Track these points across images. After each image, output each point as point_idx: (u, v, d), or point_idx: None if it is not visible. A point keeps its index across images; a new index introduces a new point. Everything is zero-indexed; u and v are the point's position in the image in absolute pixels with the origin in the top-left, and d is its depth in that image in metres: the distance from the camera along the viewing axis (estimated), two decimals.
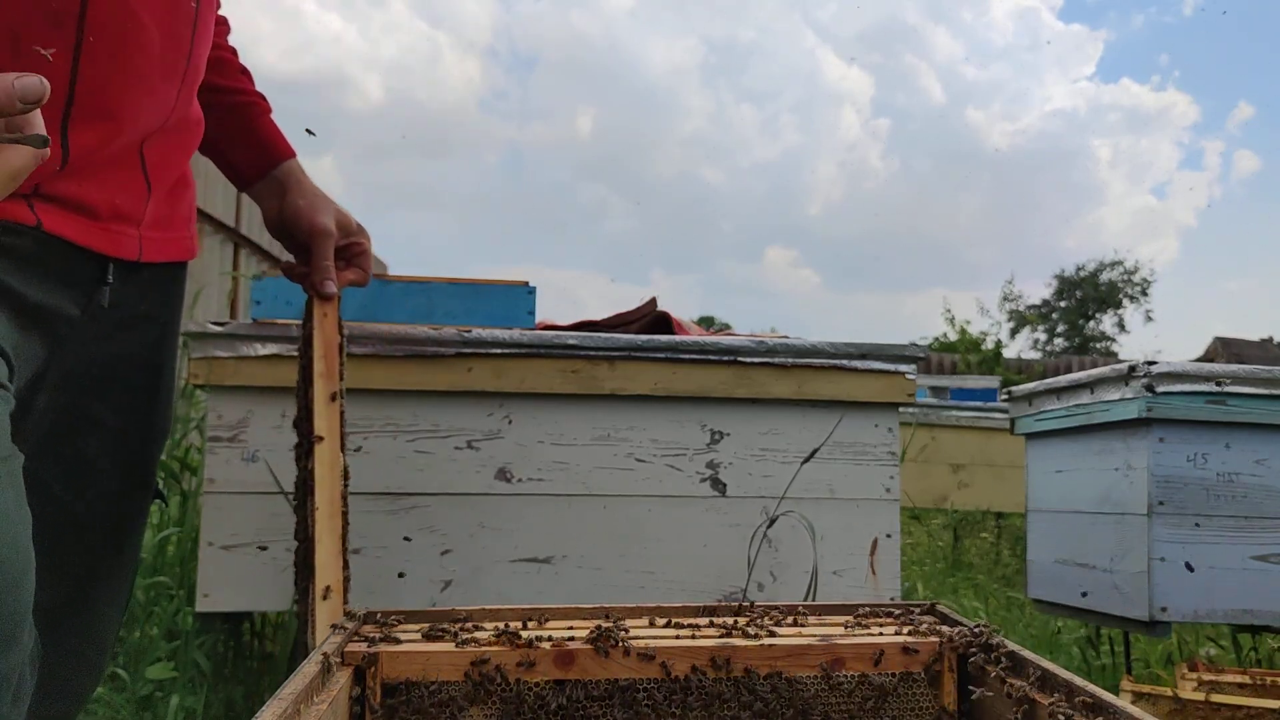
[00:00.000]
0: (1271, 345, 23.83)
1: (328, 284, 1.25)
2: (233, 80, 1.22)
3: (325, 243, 1.25)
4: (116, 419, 1.05)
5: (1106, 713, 0.80)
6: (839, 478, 1.82)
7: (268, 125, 1.25)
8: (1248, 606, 2.05)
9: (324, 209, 1.26)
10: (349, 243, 1.30)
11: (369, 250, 1.33)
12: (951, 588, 4.24)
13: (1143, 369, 2.06)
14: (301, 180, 1.26)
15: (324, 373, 1.23)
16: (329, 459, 1.19)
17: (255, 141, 1.24)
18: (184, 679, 2.03)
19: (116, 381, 1.05)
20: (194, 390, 2.64)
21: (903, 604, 1.15)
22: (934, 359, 16.45)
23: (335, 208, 1.28)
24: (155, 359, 1.10)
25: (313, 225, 1.24)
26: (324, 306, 1.26)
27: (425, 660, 0.92)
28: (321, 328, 1.25)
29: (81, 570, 1.04)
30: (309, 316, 1.26)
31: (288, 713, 0.72)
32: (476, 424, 1.75)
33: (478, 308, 1.91)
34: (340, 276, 1.28)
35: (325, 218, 1.25)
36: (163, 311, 1.11)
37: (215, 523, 1.68)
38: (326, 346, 1.25)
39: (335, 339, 1.26)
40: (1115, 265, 31.35)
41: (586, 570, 1.75)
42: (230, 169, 1.26)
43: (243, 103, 1.23)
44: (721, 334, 2.16)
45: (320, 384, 1.22)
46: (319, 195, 1.27)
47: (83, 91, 0.87)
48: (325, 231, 1.24)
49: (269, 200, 1.26)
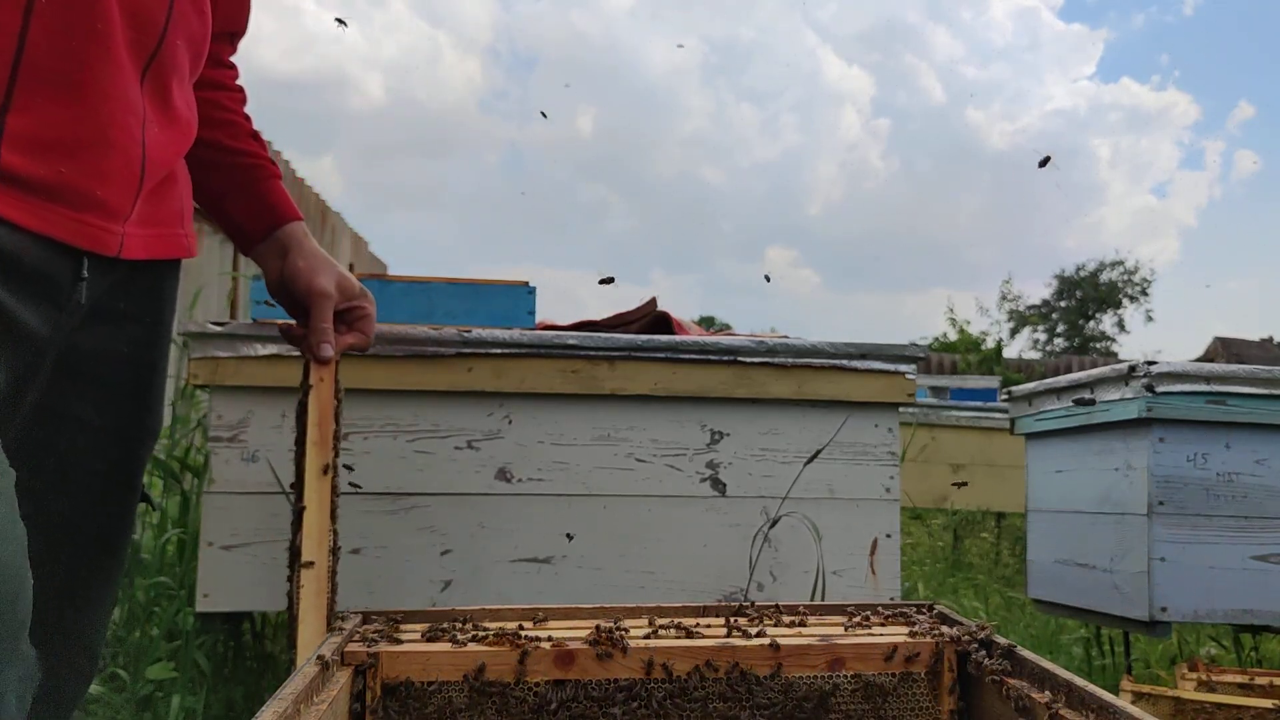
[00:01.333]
0: (1271, 345, 23.82)
1: (324, 347, 1.22)
2: (242, 143, 1.23)
3: (324, 305, 1.22)
4: (99, 418, 1.04)
5: (1106, 713, 0.80)
6: (839, 478, 1.82)
7: (275, 189, 1.24)
8: (1248, 606, 2.05)
9: (325, 271, 1.24)
10: (350, 306, 1.28)
11: (371, 315, 1.30)
12: (951, 588, 4.23)
13: (1142, 369, 2.06)
14: (304, 242, 1.24)
15: (317, 441, 1.19)
16: (316, 533, 1.16)
17: (260, 202, 1.23)
18: (184, 679, 2.03)
19: (98, 380, 1.03)
20: (194, 390, 2.64)
21: (902, 604, 1.15)
22: (934, 359, 16.45)
23: (338, 271, 1.26)
24: (142, 358, 1.08)
25: (311, 287, 1.22)
26: (320, 370, 1.23)
27: (425, 660, 0.92)
28: (317, 392, 1.22)
29: (68, 574, 1.03)
30: (305, 380, 1.23)
31: (288, 713, 0.72)
32: (476, 424, 1.75)
33: (478, 308, 1.91)
34: (339, 340, 1.25)
35: (325, 280, 1.23)
36: (150, 310, 1.09)
37: (215, 523, 1.68)
38: (322, 414, 1.21)
39: (331, 404, 1.23)
40: (1115, 265, 31.36)
41: (586, 570, 1.75)
42: (234, 228, 1.24)
43: (250, 164, 1.22)
44: (721, 334, 2.16)
45: (313, 453, 1.19)
46: (321, 257, 1.25)
47: (33, 57, 0.85)
48: (324, 293, 1.22)
49: (271, 261, 1.24)
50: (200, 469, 2.38)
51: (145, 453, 1.11)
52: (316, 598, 1.13)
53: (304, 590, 1.13)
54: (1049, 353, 28.82)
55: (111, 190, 0.94)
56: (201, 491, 1.75)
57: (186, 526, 2.35)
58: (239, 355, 1.67)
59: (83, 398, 1.02)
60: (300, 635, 1.11)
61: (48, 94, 0.86)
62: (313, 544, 1.15)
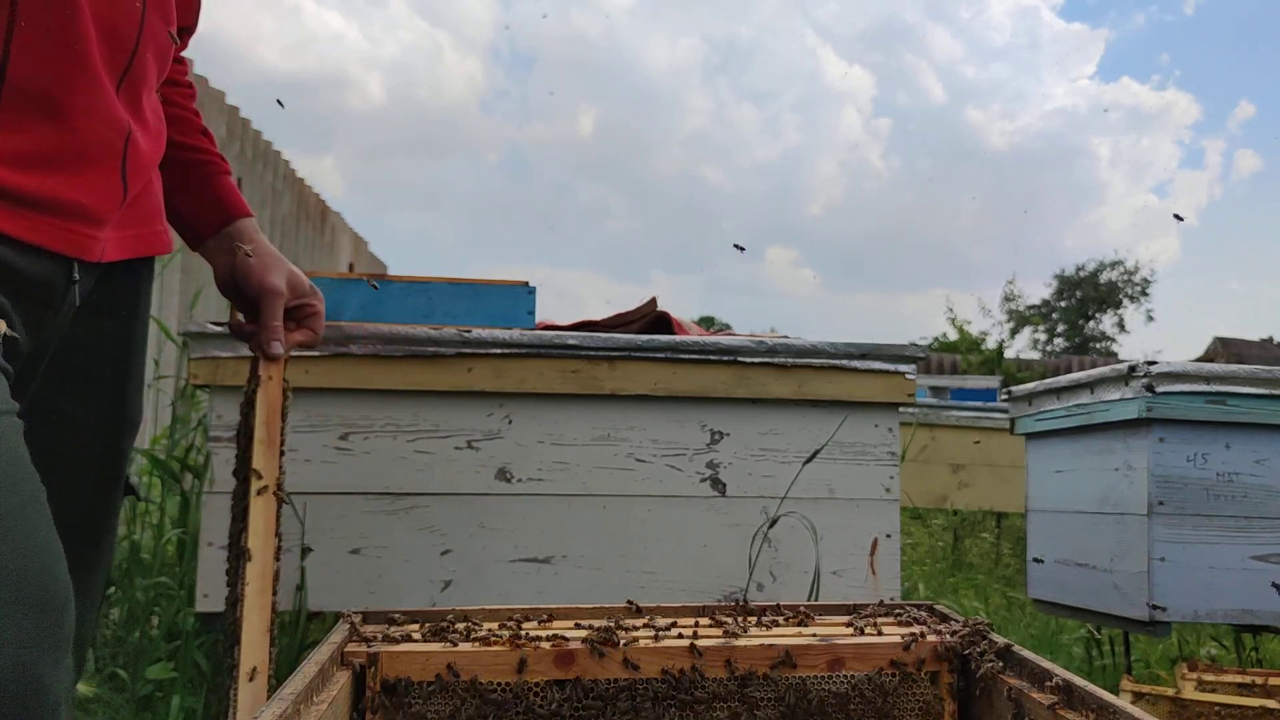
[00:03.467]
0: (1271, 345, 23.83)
1: (274, 344, 1.21)
2: (192, 138, 1.22)
3: (274, 301, 1.22)
4: (81, 412, 1.05)
5: (1106, 713, 0.80)
6: (839, 478, 1.82)
7: (224, 184, 1.24)
8: (1248, 606, 2.05)
9: (275, 268, 1.23)
10: (300, 303, 1.27)
11: (321, 312, 1.30)
12: (951, 588, 4.24)
13: (1143, 369, 2.06)
14: (254, 238, 1.24)
15: (264, 439, 1.19)
16: (262, 529, 1.16)
17: (209, 198, 1.22)
18: (184, 679, 2.03)
19: (77, 373, 1.04)
20: (194, 390, 2.64)
21: (902, 603, 1.15)
22: (934, 359, 16.46)
23: (288, 268, 1.26)
24: (120, 351, 1.09)
25: (262, 283, 1.22)
26: (269, 368, 1.22)
27: (425, 660, 0.92)
28: (265, 390, 1.21)
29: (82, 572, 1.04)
30: (253, 376, 1.23)
31: (288, 713, 0.72)
32: (476, 424, 1.75)
33: (478, 308, 1.91)
34: (289, 337, 1.25)
35: (276, 277, 1.23)
36: (127, 304, 1.10)
37: (215, 523, 1.68)
38: (269, 411, 1.21)
39: (279, 402, 1.22)
40: (1115, 265, 31.37)
41: (586, 570, 1.75)
42: (182, 224, 1.24)
43: (200, 160, 1.22)
44: (721, 334, 2.16)
45: (259, 451, 1.18)
46: (271, 254, 1.25)
47: (16, 77, 0.87)
48: (275, 290, 1.22)
49: (220, 257, 1.23)
50: (200, 469, 2.38)
51: (127, 444, 1.12)
52: (260, 595, 1.14)
53: (248, 588, 1.13)
54: (1049, 353, 28.82)
55: (96, 200, 0.96)
56: (201, 491, 1.75)
57: (186, 526, 2.35)
58: (239, 355, 1.68)
59: (65, 392, 1.03)
60: (244, 634, 1.11)
61: (32, 113, 0.89)
62: (258, 540, 1.15)
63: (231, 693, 1.12)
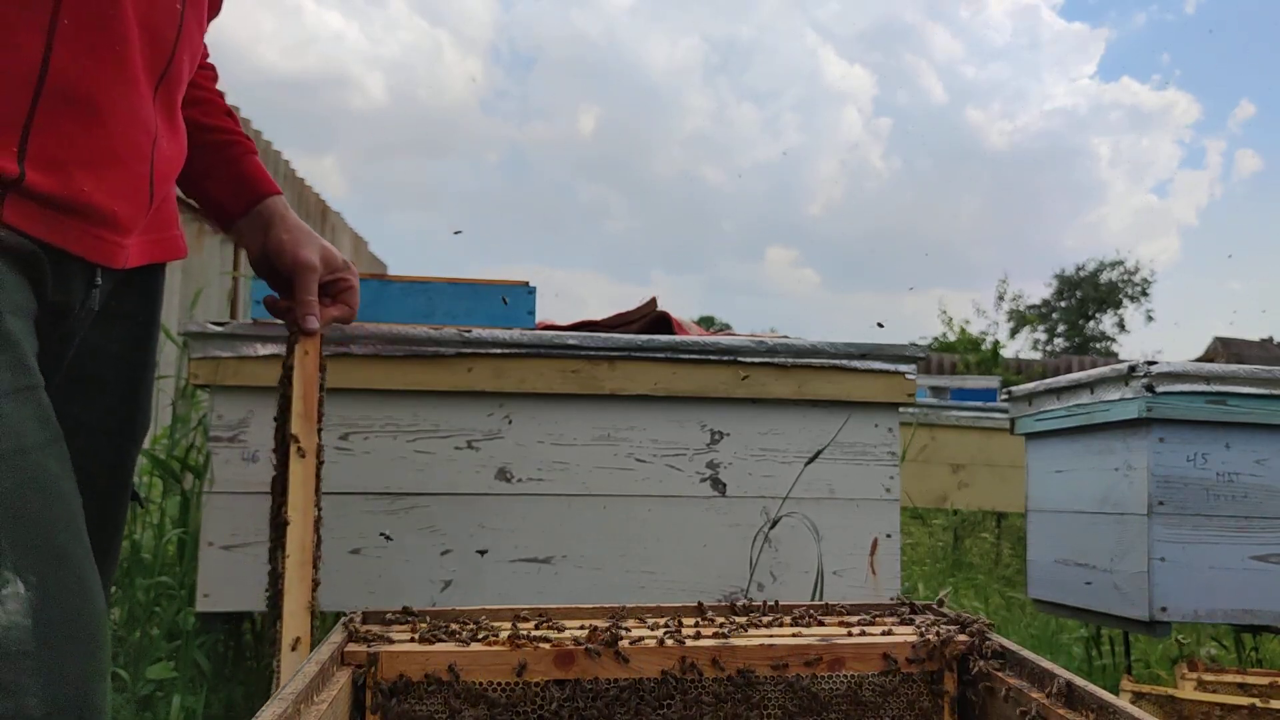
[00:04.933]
0: (1271, 345, 23.83)
1: (310, 319, 1.22)
2: (217, 119, 1.22)
3: (309, 277, 1.22)
4: (95, 419, 1.04)
5: (1106, 712, 0.80)
6: (839, 478, 1.82)
7: (252, 164, 1.24)
8: (1248, 606, 2.05)
9: (309, 243, 1.24)
10: (335, 278, 1.28)
11: (355, 287, 1.30)
12: (952, 588, 4.24)
13: (1143, 369, 2.06)
14: (285, 215, 1.24)
15: (302, 413, 1.20)
16: (301, 505, 1.16)
17: (238, 178, 1.22)
18: (184, 679, 2.03)
19: (93, 380, 1.04)
20: (194, 390, 2.64)
21: (902, 603, 1.16)
22: (934, 359, 16.46)
23: (321, 243, 1.26)
24: (134, 357, 1.09)
25: (296, 259, 1.22)
26: (306, 343, 1.23)
27: (425, 660, 0.92)
28: (302, 365, 1.22)
29: None
30: (290, 352, 1.23)
31: (288, 713, 0.72)
32: (476, 424, 1.75)
33: (478, 308, 1.91)
34: (324, 312, 1.25)
35: (309, 252, 1.23)
36: (143, 309, 1.10)
37: (215, 523, 1.68)
38: (306, 385, 1.21)
39: (315, 377, 1.22)
40: (1115, 265, 31.37)
41: (586, 570, 1.75)
42: (213, 205, 1.23)
43: (226, 141, 1.21)
44: (721, 334, 2.16)
45: (298, 424, 1.19)
46: (304, 230, 1.25)
47: (56, 78, 0.86)
48: (309, 265, 1.22)
49: (252, 236, 1.23)
50: (200, 469, 2.38)
51: (136, 451, 1.12)
52: (301, 567, 1.14)
53: (289, 559, 1.13)
54: (1049, 352, 28.82)
55: (124, 206, 0.95)
56: (201, 491, 1.75)
57: (186, 526, 2.35)
58: (239, 355, 1.68)
59: (80, 399, 1.03)
60: (286, 606, 1.12)
61: (69, 114, 0.88)
62: (297, 511, 1.15)
63: (275, 663, 1.13)
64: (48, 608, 0.79)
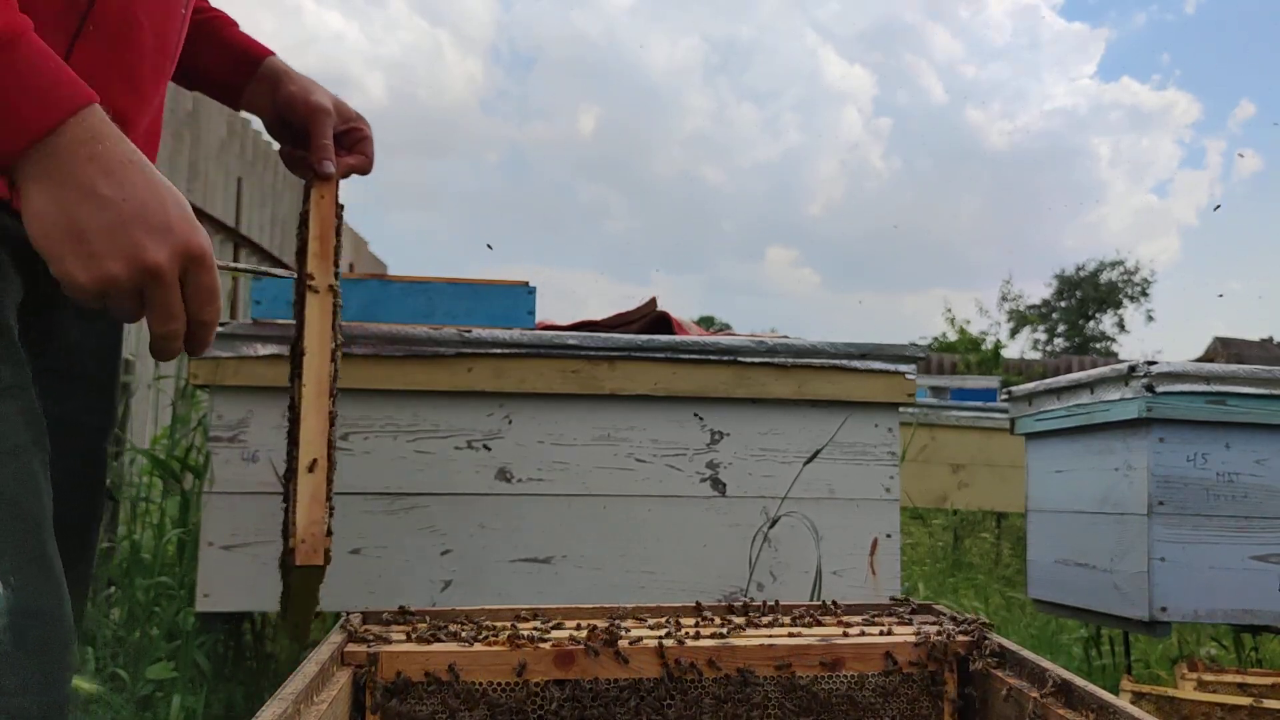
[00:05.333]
0: (1271, 345, 23.83)
1: (326, 163, 1.20)
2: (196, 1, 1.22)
3: (323, 120, 1.21)
4: (77, 416, 1.04)
5: (1106, 712, 0.80)
6: (839, 478, 1.82)
7: (239, 34, 1.24)
8: (1248, 606, 2.05)
9: (319, 90, 1.23)
10: (349, 128, 1.27)
11: (370, 137, 1.29)
12: (951, 588, 4.24)
13: (1143, 369, 2.06)
14: (289, 71, 1.23)
15: (318, 253, 1.19)
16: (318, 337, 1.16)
17: (230, 50, 1.21)
18: (184, 679, 2.03)
19: (74, 376, 1.03)
20: (194, 390, 2.64)
21: (902, 603, 1.16)
22: (934, 359, 16.45)
23: (332, 93, 1.25)
24: (110, 352, 1.09)
25: (308, 104, 1.21)
26: (322, 188, 1.22)
27: (425, 660, 0.92)
28: (319, 208, 1.21)
29: None
30: (306, 199, 1.23)
31: (288, 713, 0.72)
32: (476, 424, 1.75)
33: (478, 308, 1.91)
34: (341, 162, 1.24)
35: (321, 96, 1.22)
36: None
37: (215, 523, 1.68)
38: (323, 227, 1.21)
39: (332, 220, 1.22)
40: (1115, 265, 31.37)
41: (586, 570, 1.75)
42: (216, 84, 1.23)
43: (209, 18, 1.21)
44: (721, 334, 2.16)
45: (315, 265, 1.18)
46: (311, 80, 1.24)
47: None
48: (322, 109, 1.21)
49: (262, 99, 1.23)
50: (200, 469, 2.38)
51: (108, 443, 1.12)
52: (318, 398, 1.14)
53: (306, 389, 1.13)
54: (1049, 352, 28.81)
55: None
56: (201, 491, 1.75)
57: (186, 526, 2.35)
58: (239, 355, 1.68)
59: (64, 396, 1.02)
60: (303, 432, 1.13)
61: None
62: (314, 341, 1.15)
63: (291, 486, 1.13)
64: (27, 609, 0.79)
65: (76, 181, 0.74)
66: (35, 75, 0.73)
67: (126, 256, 0.76)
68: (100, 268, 0.75)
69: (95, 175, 0.75)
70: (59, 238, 0.75)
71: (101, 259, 0.75)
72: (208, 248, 0.81)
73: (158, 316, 0.80)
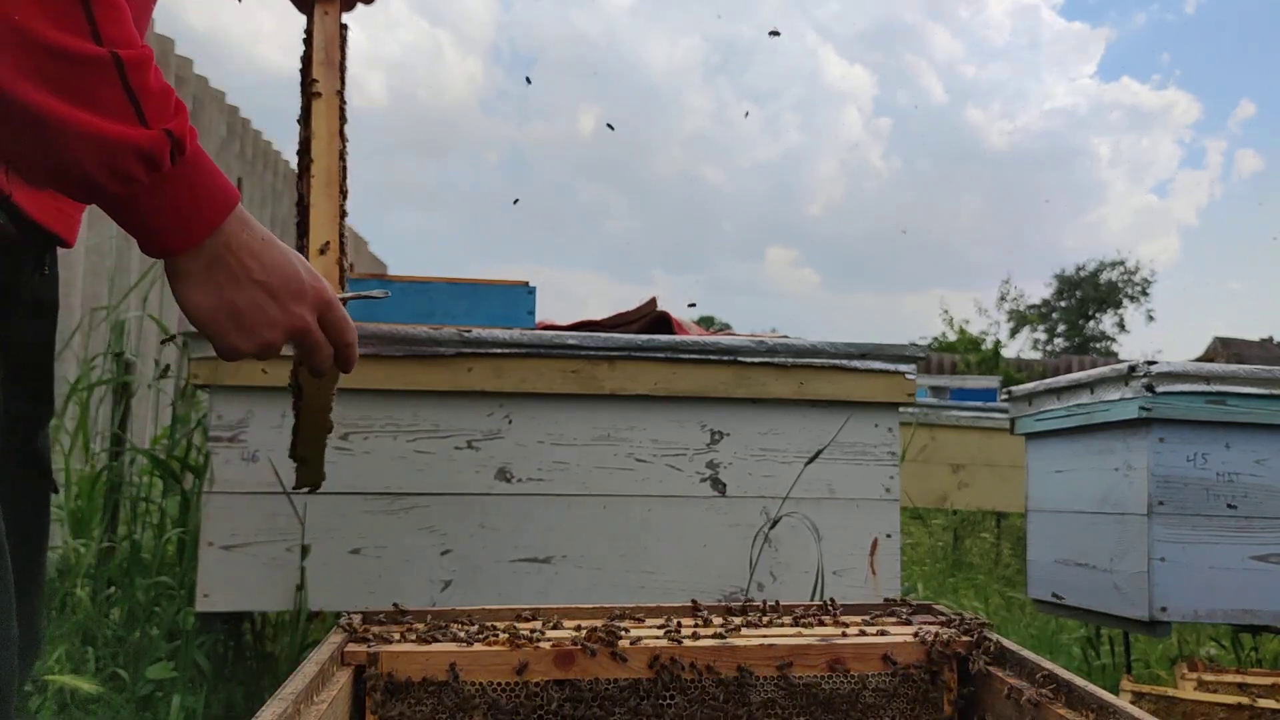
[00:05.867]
0: (1271, 345, 23.83)
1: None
2: None
3: None
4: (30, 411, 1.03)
5: (1106, 712, 0.80)
6: (839, 478, 1.82)
7: None
8: (1248, 606, 2.05)
9: None
10: None
11: None
12: (951, 588, 4.24)
13: (1142, 369, 2.06)
14: None
15: (323, 60, 1.20)
16: (325, 135, 1.17)
17: None
18: (184, 679, 2.03)
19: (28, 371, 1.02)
20: (194, 390, 2.64)
21: (902, 603, 1.16)
22: (934, 359, 16.45)
23: None
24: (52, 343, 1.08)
25: None
26: (325, 4, 1.24)
27: (425, 660, 0.92)
28: (322, 23, 1.23)
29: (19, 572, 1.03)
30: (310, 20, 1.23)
31: (288, 713, 0.73)
32: (476, 424, 1.75)
33: (477, 308, 1.91)
34: None
35: None
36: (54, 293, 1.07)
37: (215, 523, 1.68)
38: (328, 40, 1.22)
39: (336, 34, 1.23)
40: (1115, 265, 31.36)
41: (586, 570, 1.75)
42: None
43: None
44: (721, 334, 2.16)
45: (320, 70, 1.19)
46: None
47: None
48: None
49: None
50: (200, 469, 2.38)
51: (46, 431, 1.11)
52: (328, 188, 1.16)
53: (314, 180, 1.15)
54: (1049, 352, 28.81)
55: None
56: (201, 491, 1.75)
57: (186, 526, 2.35)
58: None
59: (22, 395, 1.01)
60: (313, 219, 1.14)
61: None
62: (321, 143, 1.17)
63: None
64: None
65: (233, 272, 0.85)
66: (207, 177, 0.81)
67: (281, 325, 0.89)
68: (261, 338, 0.89)
69: (248, 262, 0.86)
70: (222, 321, 0.87)
71: (261, 331, 0.88)
72: (332, 294, 0.93)
73: (314, 358, 0.95)
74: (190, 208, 0.80)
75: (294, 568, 1.68)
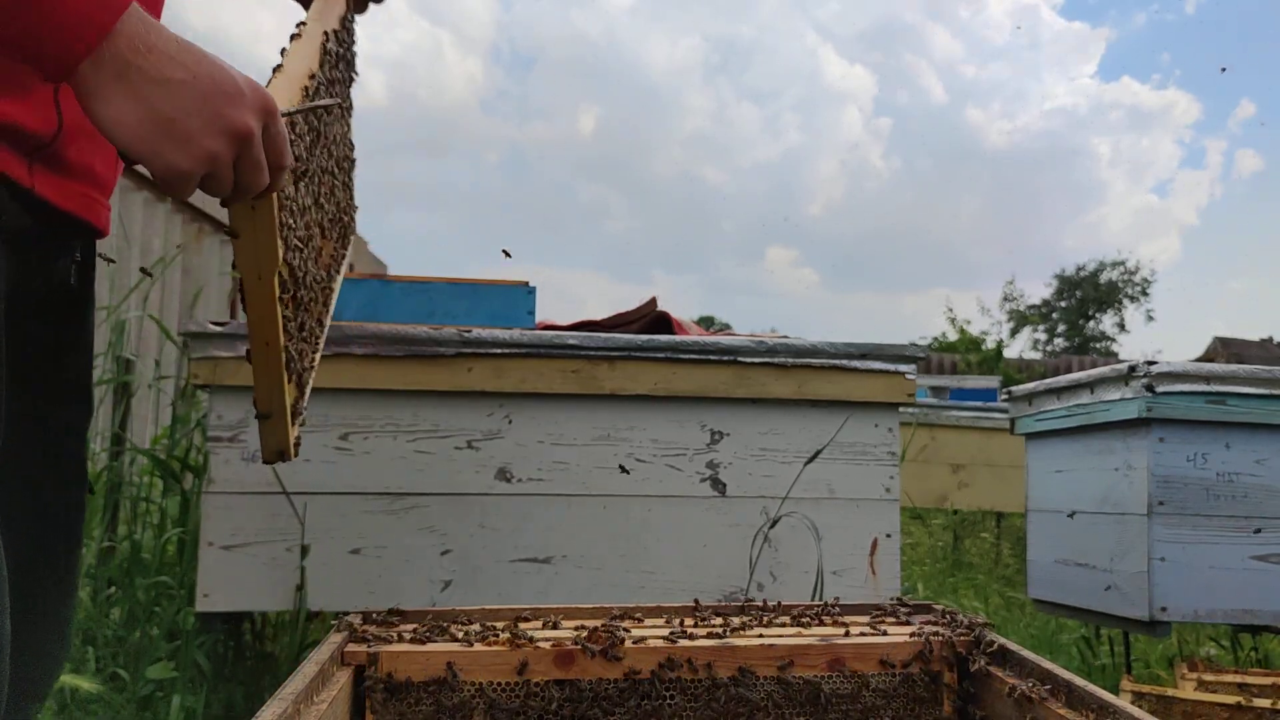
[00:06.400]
0: (1271, 345, 23.83)
1: None
2: None
3: None
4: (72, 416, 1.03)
5: (1106, 712, 0.80)
6: (839, 478, 1.82)
7: None
8: (1248, 606, 2.05)
9: None
10: None
11: None
12: (951, 588, 4.24)
13: (1142, 369, 2.06)
14: None
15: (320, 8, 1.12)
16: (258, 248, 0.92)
17: None
18: (184, 679, 2.03)
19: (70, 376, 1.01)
20: (194, 390, 2.64)
21: (902, 603, 1.16)
22: (934, 359, 16.44)
23: None
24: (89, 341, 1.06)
25: None
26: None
27: (425, 660, 0.92)
28: None
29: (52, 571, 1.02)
30: None
31: (288, 713, 0.73)
32: (476, 424, 1.75)
33: (478, 308, 1.91)
34: None
35: None
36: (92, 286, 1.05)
37: (215, 523, 1.68)
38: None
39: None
40: (1116, 265, 31.36)
41: (586, 570, 1.75)
42: None
43: None
44: (721, 334, 2.16)
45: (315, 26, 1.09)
46: None
47: None
48: None
49: None
50: (200, 469, 2.38)
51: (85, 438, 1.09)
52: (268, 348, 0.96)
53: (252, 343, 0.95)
54: (1049, 352, 28.80)
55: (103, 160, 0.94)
56: (201, 491, 1.75)
57: (186, 526, 2.35)
58: (239, 355, 1.68)
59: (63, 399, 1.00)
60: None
61: None
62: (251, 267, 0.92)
63: None
64: None
65: (147, 75, 0.73)
66: None
67: (220, 129, 0.76)
68: (201, 148, 0.75)
69: (161, 64, 0.74)
70: (150, 134, 0.74)
71: (199, 139, 0.75)
72: (274, 100, 0.82)
73: (249, 172, 0.80)
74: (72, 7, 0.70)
75: (294, 568, 1.68)
